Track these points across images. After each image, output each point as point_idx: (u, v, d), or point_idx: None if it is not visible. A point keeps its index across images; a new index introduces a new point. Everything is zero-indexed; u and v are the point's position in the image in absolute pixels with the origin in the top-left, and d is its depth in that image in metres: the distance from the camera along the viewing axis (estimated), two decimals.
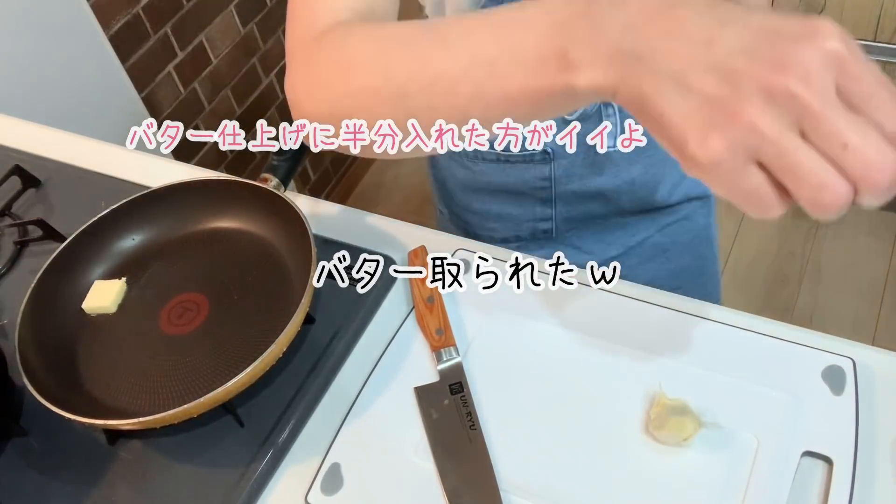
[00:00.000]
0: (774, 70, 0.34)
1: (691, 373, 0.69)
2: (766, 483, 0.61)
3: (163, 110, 1.72)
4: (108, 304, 0.77)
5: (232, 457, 0.69)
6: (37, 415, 0.72)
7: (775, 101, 0.34)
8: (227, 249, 0.82)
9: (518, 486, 0.64)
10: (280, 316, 0.71)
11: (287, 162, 0.81)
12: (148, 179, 0.92)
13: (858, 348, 0.69)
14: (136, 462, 0.70)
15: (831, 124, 0.33)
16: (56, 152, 1.01)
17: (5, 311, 0.84)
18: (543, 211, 0.91)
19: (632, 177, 0.87)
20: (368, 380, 0.72)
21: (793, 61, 0.34)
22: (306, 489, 0.66)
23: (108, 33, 1.53)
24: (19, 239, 0.90)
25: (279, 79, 2.05)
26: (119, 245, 0.83)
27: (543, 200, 0.90)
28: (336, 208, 0.89)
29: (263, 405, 0.72)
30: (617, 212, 0.92)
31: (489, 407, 0.70)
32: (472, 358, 0.73)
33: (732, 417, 0.65)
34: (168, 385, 0.71)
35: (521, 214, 0.92)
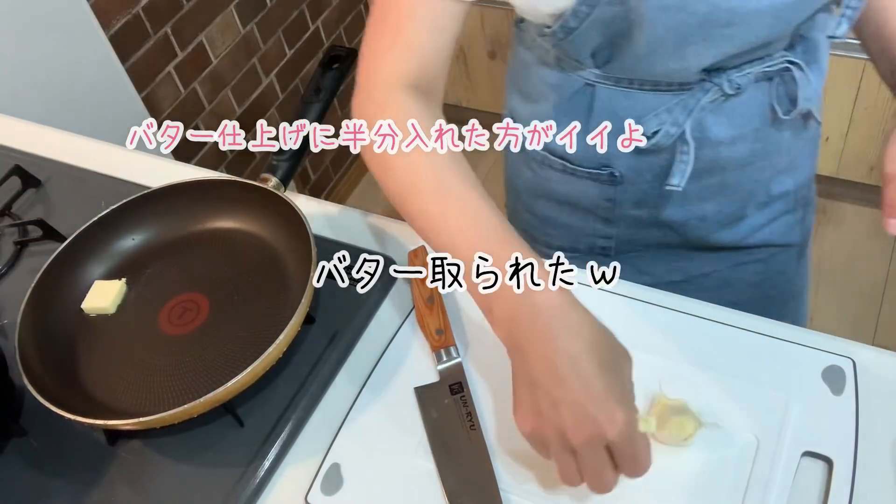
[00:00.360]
0: (574, 427, 0.54)
1: (691, 373, 0.69)
2: (766, 483, 0.61)
3: (163, 110, 1.72)
4: (108, 305, 0.77)
5: (232, 457, 0.69)
6: (37, 415, 0.72)
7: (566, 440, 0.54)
8: (227, 249, 0.82)
9: (518, 486, 0.64)
10: (280, 316, 0.71)
11: (287, 162, 0.81)
12: (148, 179, 0.92)
13: (858, 348, 0.69)
14: (136, 462, 0.70)
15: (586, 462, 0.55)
16: (56, 152, 1.01)
17: (5, 311, 0.84)
18: (604, 229, 0.89)
19: (703, 213, 0.84)
20: (368, 380, 0.72)
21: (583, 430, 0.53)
22: (306, 489, 0.66)
23: (108, 33, 1.53)
24: (19, 239, 0.90)
25: (279, 79, 2.05)
26: (119, 245, 0.83)
27: (605, 219, 0.87)
28: (336, 208, 0.89)
29: (263, 405, 0.72)
30: (683, 244, 0.89)
31: (489, 407, 0.70)
32: (472, 358, 0.73)
33: (732, 417, 0.65)
34: (168, 385, 0.71)
35: (581, 227, 0.90)
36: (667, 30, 0.65)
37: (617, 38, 0.69)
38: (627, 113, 0.75)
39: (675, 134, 0.75)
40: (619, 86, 0.74)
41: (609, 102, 0.76)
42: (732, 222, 0.86)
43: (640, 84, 0.74)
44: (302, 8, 2.05)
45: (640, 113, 0.75)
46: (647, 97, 0.74)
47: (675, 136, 0.75)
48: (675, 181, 0.77)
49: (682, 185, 0.77)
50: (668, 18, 0.64)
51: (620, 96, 0.75)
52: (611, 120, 0.76)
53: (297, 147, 0.81)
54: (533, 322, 0.56)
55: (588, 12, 0.67)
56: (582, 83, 0.76)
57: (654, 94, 0.74)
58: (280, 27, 2.00)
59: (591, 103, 0.77)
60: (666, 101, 0.74)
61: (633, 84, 0.74)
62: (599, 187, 0.83)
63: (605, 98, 0.76)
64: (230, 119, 1.93)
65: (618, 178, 0.81)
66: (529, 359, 0.55)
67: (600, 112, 0.77)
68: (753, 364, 0.68)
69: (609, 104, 0.76)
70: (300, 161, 0.82)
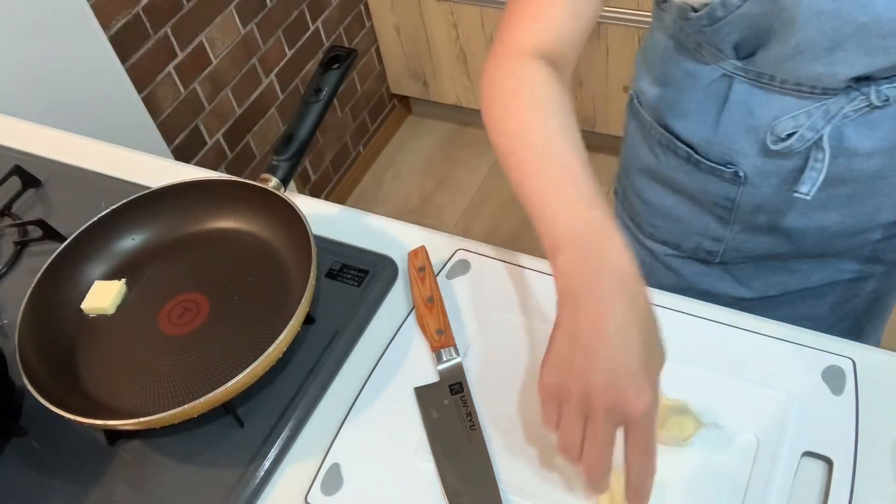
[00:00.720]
0: (603, 390, 0.53)
1: (691, 373, 0.69)
2: (766, 483, 0.61)
3: (163, 110, 1.72)
4: (107, 305, 0.77)
5: (232, 457, 0.69)
6: (37, 415, 0.72)
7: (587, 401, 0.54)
8: (227, 249, 0.82)
9: (518, 486, 0.64)
10: (280, 316, 0.71)
11: (287, 162, 0.81)
12: (148, 179, 0.92)
13: (858, 348, 0.69)
14: (136, 462, 0.70)
15: (598, 431, 0.54)
16: (56, 152, 1.01)
17: (5, 311, 0.84)
18: (717, 229, 0.85)
19: (825, 223, 0.80)
20: (368, 380, 0.72)
21: (609, 395, 0.53)
22: (306, 489, 0.66)
23: (108, 33, 1.53)
24: (19, 239, 0.90)
25: (279, 79, 2.05)
26: (119, 245, 0.83)
27: (721, 219, 0.84)
28: (336, 208, 0.89)
29: (263, 405, 0.72)
30: (795, 254, 0.85)
31: (489, 407, 0.70)
32: (472, 358, 0.73)
33: (732, 417, 0.65)
34: (168, 385, 0.71)
35: (692, 223, 0.87)
36: (819, 34, 0.63)
37: (764, 34, 0.67)
38: (763, 111, 0.73)
39: (810, 139, 0.71)
40: (758, 81, 0.72)
41: (745, 97, 0.73)
42: (852, 235, 0.82)
43: (780, 83, 0.71)
44: (302, 8, 2.05)
45: (778, 112, 0.72)
46: (786, 97, 0.71)
47: (810, 141, 0.72)
48: (805, 189, 0.73)
49: (811, 194, 0.73)
50: (822, 23, 0.62)
51: (758, 92, 0.73)
52: (745, 116, 0.74)
53: (296, 147, 0.81)
54: (597, 278, 0.55)
55: (738, 4, 0.65)
56: (719, 73, 0.74)
57: (794, 95, 0.71)
58: (280, 27, 2.00)
59: (727, 95, 0.74)
60: (806, 104, 0.71)
61: (773, 81, 0.71)
62: (720, 184, 0.81)
63: (742, 92, 0.73)
64: (230, 119, 1.93)
65: (741, 179, 0.78)
66: (580, 312, 0.55)
67: (735, 106, 0.74)
68: (753, 364, 0.68)
69: (745, 99, 0.74)
70: (300, 161, 0.82)
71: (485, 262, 0.80)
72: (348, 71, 0.85)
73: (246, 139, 2.00)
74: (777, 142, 0.73)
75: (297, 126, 0.82)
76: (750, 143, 0.76)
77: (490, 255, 0.81)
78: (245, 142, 2.00)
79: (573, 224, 0.59)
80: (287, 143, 0.81)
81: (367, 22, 2.32)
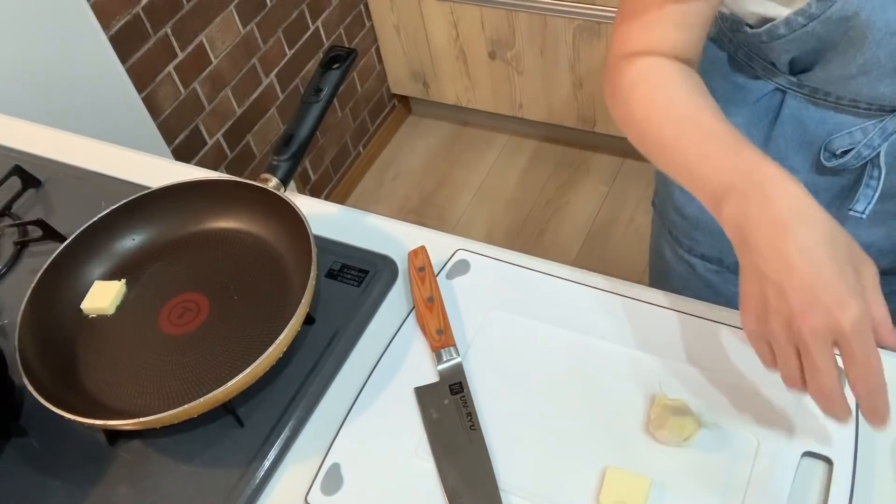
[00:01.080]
0: (802, 313, 0.51)
1: (691, 373, 0.69)
2: (766, 483, 0.61)
3: (163, 110, 1.72)
4: (107, 306, 0.77)
5: (232, 457, 0.69)
6: (37, 415, 0.72)
7: (792, 328, 0.52)
8: (227, 249, 0.82)
9: (518, 486, 0.64)
10: (280, 316, 0.71)
11: (287, 162, 0.81)
12: (148, 179, 0.92)
13: None
14: (136, 462, 0.70)
15: (813, 357, 0.52)
16: (56, 152, 1.01)
17: (5, 311, 0.84)
18: None
19: (872, 239, 0.78)
20: (368, 380, 0.72)
21: (811, 318, 0.51)
22: (306, 489, 0.66)
23: (108, 33, 1.53)
24: (19, 239, 0.90)
25: (279, 79, 2.05)
26: (119, 245, 0.83)
27: None
28: (336, 208, 0.89)
29: (263, 405, 0.72)
30: None
31: (489, 407, 0.70)
32: (472, 358, 0.73)
33: (732, 417, 0.65)
34: (168, 385, 0.71)
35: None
36: (888, 55, 0.62)
37: (826, 52, 0.65)
38: (818, 127, 0.71)
39: (867, 156, 0.70)
40: (812, 97, 0.70)
41: (799, 112, 0.72)
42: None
43: (836, 99, 0.69)
44: (302, 8, 2.05)
45: (832, 129, 0.71)
46: (842, 114, 0.70)
47: (866, 158, 0.70)
48: (860, 207, 0.72)
49: (866, 213, 0.72)
50: (892, 44, 0.61)
51: (812, 108, 0.71)
52: (798, 131, 0.73)
53: (297, 147, 0.81)
54: (765, 212, 0.54)
55: (804, 23, 0.63)
56: (771, 88, 0.73)
57: (851, 112, 0.69)
58: (280, 27, 2.00)
59: (779, 110, 0.73)
60: (862, 120, 0.69)
61: (828, 98, 0.69)
62: None
63: (795, 107, 0.72)
64: (230, 119, 1.93)
65: None
66: (759, 251, 0.53)
67: (787, 121, 0.73)
68: (753, 364, 0.68)
69: (798, 114, 0.72)
70: (300, 161, 0.82)
71: (485, 262, 0.80)
72: (348, 71, 0.85)
73: (246, 139, 2.00)
74: (832, 158, 0.71)
75: (297, 126, 0.81)
76: (802, 158, 0.74)
77: (490, 255, 0.81)
78: (245, 142, 2.00)
79: (725, 174, 0.57)
80: (287, 143, 0.81)
81: (367, 22, 2.32)
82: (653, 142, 0.64)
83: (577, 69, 2.06)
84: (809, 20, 0.63)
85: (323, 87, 0.83)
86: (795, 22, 0.64)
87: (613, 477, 0.63)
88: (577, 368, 0.71)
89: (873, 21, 0.60)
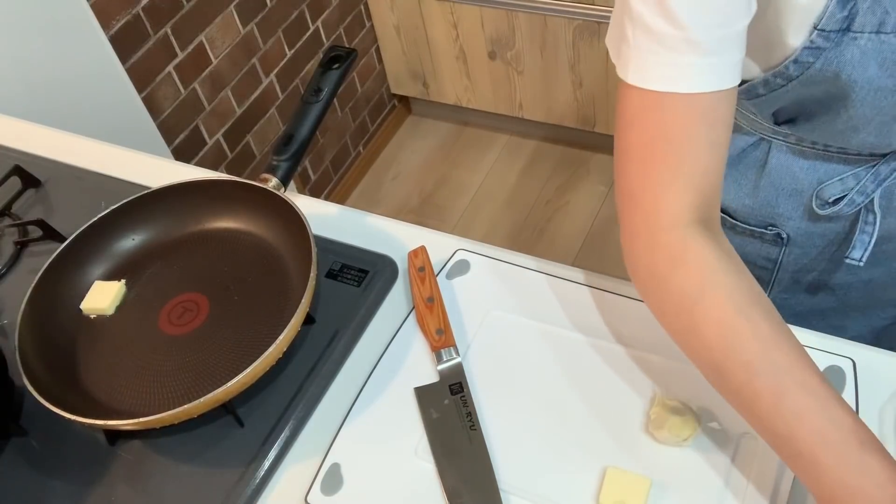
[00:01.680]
0: None
1: (691, 373, 0.69)
2: (766, 483, 0.61)
3: (163, 110, 1.72)
4: (106, 306, 0.77)
5: (232, 457, 0.69)
6: (37, 415, 0.72)
7: None
8: (227, 249, 0.82)
9: (518, 486, 0.64)
10: (280, 316, 0.71)
11: (287, 162, 0.81)
12: (148, 179, 0.92)
13: (858, 348, 0.69)
14: (136, 462, 0.70)
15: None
16: (56, 152, 1.01)
17: (5, 311, 0.84)
18: None
19: (871, 277, 0.76)
20: (368, 380, 0.72)
21: None
22: (306, 489, 0.66)
23: (108, 33, 1.53)
24: (19, 239, 0.90)
25: (279, 79, 2.05)
26: (119, 245, 0.83)
27: (759, 279, 0.73)
28: (336, 208, 0.89)
29: (263, 405, 0.72)
30: (838, 308, 0.81)
31: (489, 407, 0.70)
32: (472, 358, 0.73)
33: (732, 417, 0.65)
34: (168, 385, 0.71)
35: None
36: (875, 111, 0.60)
37: (811, 107, 0.63)
38: (807, 174, 0.69)
39: (860, 203, 0.68)
40: (800, 146, 0.68)
41: (787, 162, 0.70)
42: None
43: (824, 147, 0.67)
44: (302, 8, 2.05)
45: (823, 176, 0.69)
46: (832, 162, 0.68)
47: (860, 205, 0.68)
48: (857, 255, 0.69)
49: (863, 260, 0.69)
50: (880, 100, 0.59)
51: (800, 157, 0.69)
52: (787, 180, 0.71)
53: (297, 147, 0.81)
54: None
55: (783, 84, 0.61)
56: (756, 138, 0.71)
57: (840, 159, 0.68)
58: (280, 27, 2.00)
59: (766, 160, 0.71)
60: (853, 166, 0.68)
61: (816, 146, 0.68)
62: (761, 246, 0.76)
63: (783, 157, 0.70)
64: (230, 119, 1.93)
65: (784, 241, 0.74)
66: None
67: (775, 170, 0.71)
68: None
69: (786, 163, 0.70)
70: (300, 161, 0.82)
71: (485, 262, 0.80)
72: (348, 71, 0.85)
73: (246, 139, 2.00)
74: (824, 206, 0.69)
75: (297, 126, 0.82)
76: (793, 206, 0.73)
77: (490, 255, 0.81)
78: (245, 142, 2.00)
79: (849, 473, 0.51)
80: (287, 143, 0.81)
81: (367, 22, 2.32)
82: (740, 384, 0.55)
83: (577, 69, 2.06)
84: (787, 81, 0.61)
85: (323, 87, 0.83)
86: (774, 83, 0.62)
87: (613, 477, 0.63)
88: (577, 368, 0.71)
89: (854, 80, 0.58)
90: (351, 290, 0.79)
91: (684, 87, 0.54)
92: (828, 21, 0.55)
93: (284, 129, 0.83)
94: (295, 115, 0.82)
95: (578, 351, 0.72)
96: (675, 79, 0.54)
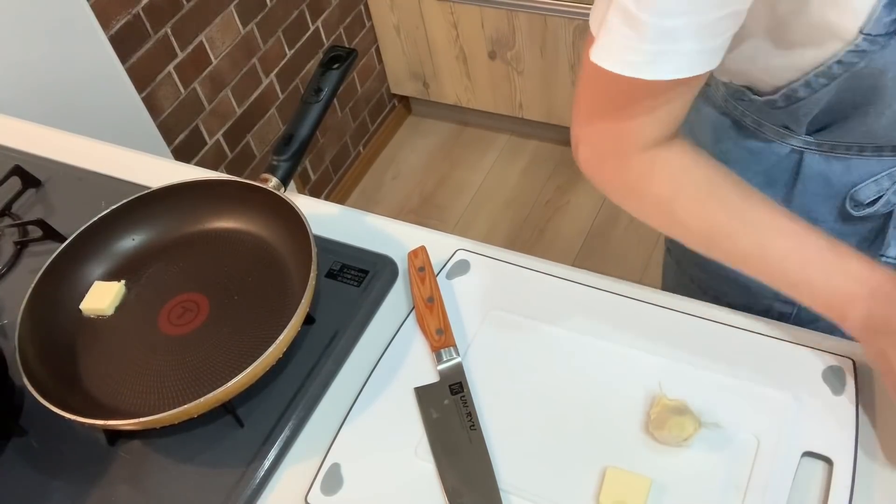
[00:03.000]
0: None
1: (691, 373, 0.69)
2: (766, 483, 0.61)
3: (163, 110, 1.72)
4: (105, 307, 0.77)
5: (232, 457, 0.69)
6: (37, 415, 0.72)
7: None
8: (227, 249, 0.82)
9: (518, 486, 0.64)
10: (280, 316, 0.71)
11: (287, 162, 0.81)
12: (148, 179, 0.92)
13: (858, 348, 0.69)
14: (136, 462, 0.70)
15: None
16: (56, 152, 1.01)
17: (5, 311, 0.84)
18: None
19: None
20: (368, 380, 0.72)
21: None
22: (306, 489, 0.66)
23: (108, 33, 1.53)
24: (19, 239, 0.90)
25: (279, 79, 2.05)
26: (119, 245, 0.83)
27: None
28: (336, 208, 0.89)
29: (263, 405, 0.72)
30: None
31: (489, 407, 0.70)
32: (472, 358, 0.73)
33: (732, 417, 0.65)
34: (168, 385, 0.71)
35: (762, 288, 0.76)
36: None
37: (848, 109, 0.64)
38: (842, 178, 0.70)
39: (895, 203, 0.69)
40: (833, 152, 0.69)
41: (821, 168, 0.70)
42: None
43: (859, 149, 0.68)
44: (302, 8, 2.05)
45: (857, 179, 0.69)
46: (866, 162, 0.68)
47: (895, 205, 0.70)
48: (893, 253, 0.71)
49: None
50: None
51: (834, 162, 0.69)
52: (821, 186, 0.71)
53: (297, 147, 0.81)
54: (890, 316, 0.56)
55: (825, 84, 0.61)
56: (787, 150, 0.71)
57: (875, 159, 0.68)
58: (280, 27, 2.00)
59: (799, 169, 0.71)
60: (887, 164, 0.68)
61: (850, 150, 0.68)
62: None
63: (816, 164, 0.70)
64: (230, 119, 1.93)
65: None
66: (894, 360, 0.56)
67: (809, 178, 0.71)
68: (753, 364, 0.68)
69: (821, 170, 0.70)
70: (300, 161, 0.82)
71: (485, 262, 0.80)
72: (348, 71, 0.85)
73: (246, 139, 2.00)
74: (859, 208, 0.70)
75: (297, 126, 0.82)
76: (828, 209, 0.73)
77: (490, 255, 0.81)
78: (245, 142, 2.00)
79: (839, 282, 0.59)
80: (287, 143, 0.81)
81: (367, 22, 2.32)
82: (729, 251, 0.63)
83: (577, 69, 2.06)
84: (830, 80, 0.61)
85: (323, 87, 0.83)
86: (816, 83, 0.62)
87: (613, 477, 0.63)
88: (576, 368, 0.71)
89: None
90: (351, 290, 0.79)
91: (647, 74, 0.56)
92: (875, 25, 0.55)
93: (284, 129, 0.84)
94: (295, 115, 0.82)
95: (578, 351, 0.72)
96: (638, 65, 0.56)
